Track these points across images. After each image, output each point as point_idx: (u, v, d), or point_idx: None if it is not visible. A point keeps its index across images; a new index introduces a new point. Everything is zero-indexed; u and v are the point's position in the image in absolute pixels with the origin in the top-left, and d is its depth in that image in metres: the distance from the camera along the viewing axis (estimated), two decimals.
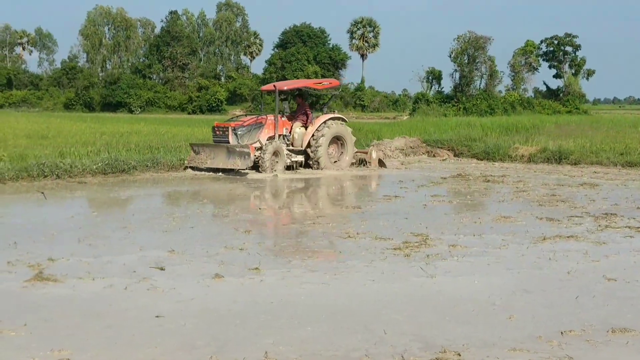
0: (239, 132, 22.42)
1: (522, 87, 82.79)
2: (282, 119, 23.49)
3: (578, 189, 19.05)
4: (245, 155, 21.60)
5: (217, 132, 22.82)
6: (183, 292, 8.69)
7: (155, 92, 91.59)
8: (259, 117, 23.18)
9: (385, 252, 10.96)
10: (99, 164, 20.82)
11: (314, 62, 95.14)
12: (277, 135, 23.00)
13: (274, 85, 24.44)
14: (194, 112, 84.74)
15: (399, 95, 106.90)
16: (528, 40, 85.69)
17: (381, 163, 25.38)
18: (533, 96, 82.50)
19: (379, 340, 7.03)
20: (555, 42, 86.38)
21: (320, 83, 26.37)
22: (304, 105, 24.60)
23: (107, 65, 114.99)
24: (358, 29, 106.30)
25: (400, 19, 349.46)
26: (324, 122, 23.80)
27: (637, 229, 13.02)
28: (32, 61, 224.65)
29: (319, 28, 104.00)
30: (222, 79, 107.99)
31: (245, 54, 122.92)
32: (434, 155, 29.58)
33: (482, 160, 28.19)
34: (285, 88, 24.49)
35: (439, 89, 79.26)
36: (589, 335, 7.22)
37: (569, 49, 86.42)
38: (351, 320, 7.70)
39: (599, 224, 13.53)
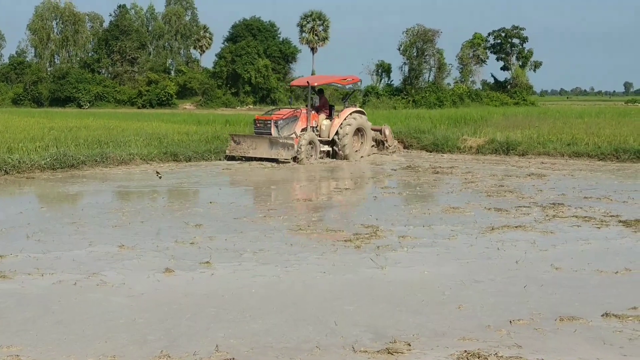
0: (280, 125, 24.35)
1: (470, 79, 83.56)
2: (312, 112, 25.16)
3: (526, 180, 19.26)
4: (289, 146, 23.55)
5: (259, 125, 24.85)
6: (133, 286, 8.66)
7: (105, 87, 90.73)
8: (295, 111, 25.13)
9: (336, 244, 11.01)
10: (48, 159, 20.61)
11: (264, 55, 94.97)
12: (309, 127, 24.83)
13: (307, 82, 26.37)
14: (143, 106, 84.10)
15: (349, 88, 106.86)
16: (476, 33, 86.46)
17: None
18: (481, 88, 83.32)
19: (330, 332, 7.07)
20: (503, 34, 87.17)
21: (345, 79, 28.33)
22: (323, 99, 26.28)
23: (56, 60, 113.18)
24: (308, 23, 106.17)
25: (350, 12, 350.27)
26: (349, 115, 25.49)
27: (584, 219, 13.20)
28: None
29: (269, 22, 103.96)
30: (172, 72, 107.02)
31: (195, 48, 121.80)
32: (384, 148, 29.61)
33: (431, 152, 28.33)
34: (315, 84, 26.38)
35: (389, 82, 79.58)
36: (538, 324, 7.32)
37: (516, 41, 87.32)
38: (302, 312, 7.73)
39: (546, 214, 13.70)
